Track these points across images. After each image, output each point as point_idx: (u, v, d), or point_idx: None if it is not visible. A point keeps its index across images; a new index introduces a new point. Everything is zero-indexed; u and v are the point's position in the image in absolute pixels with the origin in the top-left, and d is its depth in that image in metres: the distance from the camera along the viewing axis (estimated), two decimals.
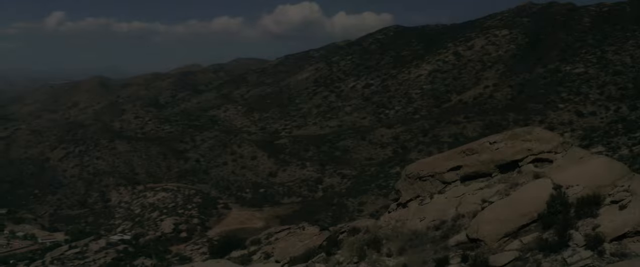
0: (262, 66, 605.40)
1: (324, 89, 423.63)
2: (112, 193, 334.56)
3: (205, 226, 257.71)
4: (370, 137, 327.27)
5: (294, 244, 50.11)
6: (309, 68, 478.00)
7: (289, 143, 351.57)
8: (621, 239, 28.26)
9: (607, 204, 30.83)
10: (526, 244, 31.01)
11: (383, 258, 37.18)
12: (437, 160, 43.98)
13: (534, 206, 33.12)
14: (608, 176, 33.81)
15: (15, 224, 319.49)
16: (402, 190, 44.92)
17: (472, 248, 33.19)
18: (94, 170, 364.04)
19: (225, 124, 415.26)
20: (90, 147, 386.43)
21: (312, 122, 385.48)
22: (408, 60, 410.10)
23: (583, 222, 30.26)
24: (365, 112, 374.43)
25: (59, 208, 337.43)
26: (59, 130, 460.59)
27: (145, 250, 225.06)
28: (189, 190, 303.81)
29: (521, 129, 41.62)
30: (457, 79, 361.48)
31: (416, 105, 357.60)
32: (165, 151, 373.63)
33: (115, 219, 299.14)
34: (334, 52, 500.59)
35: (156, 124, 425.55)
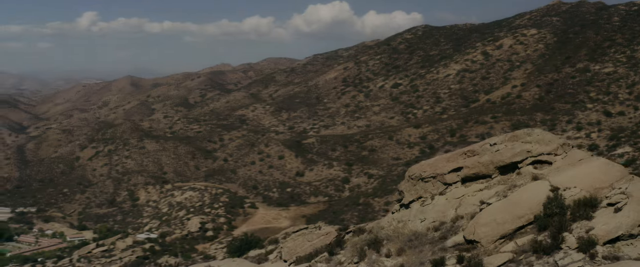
0: (291, 66, 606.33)
1: (353, 89, 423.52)
2: (140, 192, 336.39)
3: (231, 225, 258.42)
4: (397, 137, 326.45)
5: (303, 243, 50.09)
6: (338, 67, 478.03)
7: (316, 143, 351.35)
8: (614, 242, 28.22)
9: (603, 206, 30.79)
10: (521, 246, 31.09)
11: (382, 258, 37.40)
12: (439, 161, 44.02)
13: (530, 208, 33.19)
14: (606, 178, 33.78)
15: (44, 223, 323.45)
16: (405, 191, 45.12)
17: (469, 250, 33.37)
18: (123, 169, 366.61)
19: (253, 123, 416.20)
20: (119, 147, 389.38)
21: (340, 121, 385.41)
22: (436, 60, 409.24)
23: (578, 225, 30.26)
24: (393, 112, 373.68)
25: (87, 207, 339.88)
26: (89, 130, 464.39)
27: (172, 248, 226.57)
28: (216, 189, 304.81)
29: (521, 131, 41.55)
30: (485, 78, 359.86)
31: (444, 105, 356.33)
32: (193, 150, 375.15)
33: (143, 217, 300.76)
34: (363, 51, 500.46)
35: (185, 124, 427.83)
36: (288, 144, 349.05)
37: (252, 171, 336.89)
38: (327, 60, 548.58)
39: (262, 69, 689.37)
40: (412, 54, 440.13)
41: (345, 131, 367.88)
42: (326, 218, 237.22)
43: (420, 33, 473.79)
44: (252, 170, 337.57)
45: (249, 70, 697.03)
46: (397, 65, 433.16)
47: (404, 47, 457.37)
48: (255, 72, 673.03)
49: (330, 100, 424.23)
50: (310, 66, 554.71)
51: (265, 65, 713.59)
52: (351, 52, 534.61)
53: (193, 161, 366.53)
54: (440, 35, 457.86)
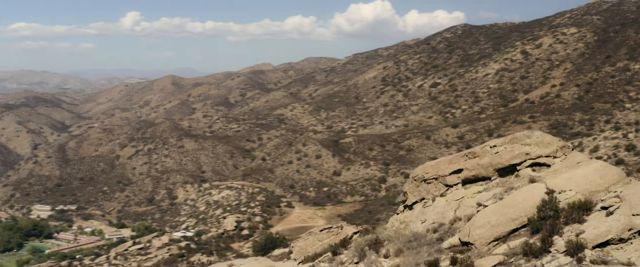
0: (330, 65, 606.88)
1: (391, 88, 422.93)
2: (178, 191, 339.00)
3: (267, 224, 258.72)
4: (435, 136, 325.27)
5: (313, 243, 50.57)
6: (377, 67, 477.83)
7: (353, 142, 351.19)
8: (604, 246, 27.89)
9: (597, 210, 30.48)
10: (513, 248, 30.89)
11: (380, 259, 37.49)
12: (441, 163, 43.91)
13: (524, 211, 33.00)
14: (602, 182, 33.48)
15: (83, 220, 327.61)
16: (409, 192, 45.07)
17: (463, 251, 33.26)
18: (162, 168, 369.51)
19: (291, 122, 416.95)
20: (159, 146, 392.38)
21: (379, 121, 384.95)
22: (476, 59, 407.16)
23: (569, 228, 30.02)
24: (432, 112, 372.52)
25: (126, 205, 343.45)
26: (130, 129, 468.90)
27: (207, 247, 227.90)
28: (253, 188, 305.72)
29: (522, 133, 41.32)
30: (525, 78, 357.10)
31: (482, 104, 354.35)
32: (232, 149, 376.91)
33: (181, 216, 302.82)
34: (403, 51, 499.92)
35: (224, 123, 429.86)
36: (325, 144, 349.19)
37: (289, 170, 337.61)
38: (367, 59, 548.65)
39: (303, 68, 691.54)
40: (452, 53, 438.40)
41: (383, 131, 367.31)
42: (362, 218, 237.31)
43: (460, 32, 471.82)
44: (290, 169, 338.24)
45: (290, 70, 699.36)
46: (437, 64, 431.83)
47: (444, 47, 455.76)
48: (296, 72, 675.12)
49: (369, 99, 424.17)
50: (350, 66, 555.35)
51: (305, 65, 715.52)
52: (391, 51, 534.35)
53: (231, 160, 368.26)
54: (479, 34, 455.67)
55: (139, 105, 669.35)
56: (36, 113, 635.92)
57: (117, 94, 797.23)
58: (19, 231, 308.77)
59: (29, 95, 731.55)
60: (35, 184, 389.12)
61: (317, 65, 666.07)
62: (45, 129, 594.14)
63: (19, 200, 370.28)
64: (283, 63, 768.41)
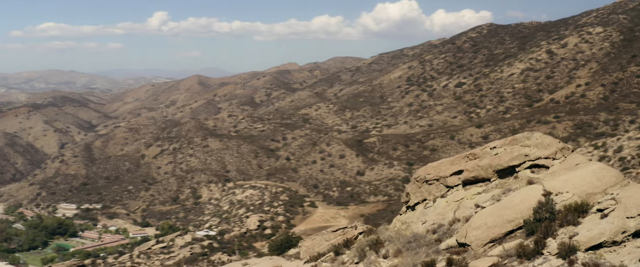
0: (356, 65, 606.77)
1: (416, 88, 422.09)
2: (203, 190, 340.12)
3: (290, 224, 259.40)
4: (459, 136, 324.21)
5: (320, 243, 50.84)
6: (402, 66, 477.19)
7: (377, 142, 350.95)
8: (597, 248, 27.91)
9: (593, 212, 30.49)
10: (507, 250, 30.98)
11: (379, 259, 37.75)
12: (443, 164, 43.99)
13: (520, 212, 33.11)
14: (599, 184, 33.41)
15: (108, 219, 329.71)
16: (411, 193, 45.24)
17: (459, 253, 33.37)
18: (187, 167, 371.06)
19: (316, 122, 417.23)
20: (183, 145, 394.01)
21: (403, 121, 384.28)
22: (501, 59, 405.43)
23: (564, 230, 30.07)
24: (456, 112, 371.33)
25: (151, 204, 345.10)
26: (155, 128, 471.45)
27: (229, 246, 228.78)
28: (277, 188, 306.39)
29: (521, 134, 41.43)
30: (550, 77, 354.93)
31: (507, 104, 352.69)
32: (256, 149, 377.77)
33: (204, 215, 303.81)
34: (428, 50, 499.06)
35: (249, 123, 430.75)
36: (349, 143, 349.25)
37: (313, 170, 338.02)
38: (393, 59, 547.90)
39: (328, 68, 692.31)
40: (477, 53, 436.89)
41: (408, 130, 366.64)
42: (384, 218, 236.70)
43: (485, 32, 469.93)
44: (313, 169, 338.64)
45: (315, 70, 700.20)
46: (462, 64, 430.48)
47: (469, 46, 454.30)
48: (322, 71, 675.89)
49: (394, 99, 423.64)
50: (376, 65, 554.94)
51: (331, 64, 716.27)
52: (416, 51, 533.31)
53: (256, 159, 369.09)
54: (505, 33, 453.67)
55: (165, 105, 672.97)
56: (63, 113, 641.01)
57: (144, 93, 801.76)
58: (44, 230, 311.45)
59: (56, 95, 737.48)
60: (62, 182, 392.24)
61: (343, 65, 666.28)
62: (72, 128, 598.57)
63: (45, 199, 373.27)
64: (309, 63, 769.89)
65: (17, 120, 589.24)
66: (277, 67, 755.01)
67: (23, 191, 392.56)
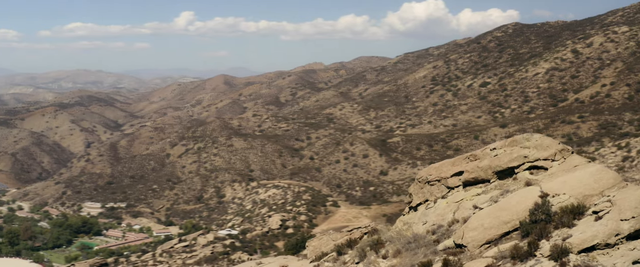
0: (382, 64, 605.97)
1: (441, 88, 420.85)
2: (226, 189, 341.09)
3: (312, 223, 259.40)
4: (483, 136, 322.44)
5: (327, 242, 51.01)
6: (427, 66, 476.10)
7: (401, 141, 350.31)
8: (590, 251, 27.81)
9: (589, 214, 30.37)
10: (502, 252, 30.94)
11: (379, 260, 37.85)
12: (444, 165, 43.98)
13: (517, 214, 33.09)
14: (597, 186, 33.31)
15: (132, 218, 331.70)
16: (414, 194, 45.30)
17: (456, 254, 33.38)
18: (211, 166, 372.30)
19: (340, 122, 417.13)
20: (208, 144, 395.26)
21: (427, 120, 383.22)
22: (526, 58, 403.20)
23: (558, 232, 30.02)
24: (481, 111, 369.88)
25: (175, 203, 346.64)
26: (180, 128, 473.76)
27: (251, 245, 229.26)
28: (299, 187, 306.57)
29: (521, 136, 41.30)
30: (575, 77, 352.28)
31: (532, 104, 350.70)
32: (280, 148, 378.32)
33: (228, 214, 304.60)
34: (453, 50, 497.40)
35: (273, 122, 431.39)
36: (373, 143, 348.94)
37: (336, 170, 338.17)
38: (418, 58, 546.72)
39: (354, 67, 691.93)
40: (502, 52, 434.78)
41: (432, 130, 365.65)
42: None
43: (511, 31, 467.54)
44: (337, 168, 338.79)
45: (341, 69, 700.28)
46: (487, 63, 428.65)
47: (494, 45, 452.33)
48: (347, 71, 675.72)
49: (419, 99, 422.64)
50: (401, 65, 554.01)
51: (357, 64, 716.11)
52: (442, 50, 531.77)
53: (280, 159, 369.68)
54: (530, 33, 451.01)
55: (191, 104, 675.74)
56: (90, 112, 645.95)
57: (170, 93, 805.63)
58: (69, 228, 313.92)
59: (83, 95, 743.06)
60: (87, 181, 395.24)
61: (368, 65, 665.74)
62: (98, 127, 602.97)
63: (70, 197, 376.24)
64: (335, 62, 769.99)
65: (44, 120, 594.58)
66: (302, 66, 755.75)
67: (49, 189, 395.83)
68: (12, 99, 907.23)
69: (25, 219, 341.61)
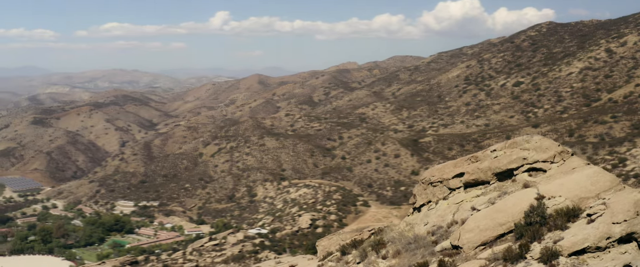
0: (415, 64, 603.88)
1: (474, 87, 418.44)
2: (258, 188, 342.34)
3: (342, 223, 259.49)
4: (515, 136, 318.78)
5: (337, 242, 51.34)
6: (461, 65, 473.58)
7: (433, 141, 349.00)
8: (580, 254, 27.85)
9: (583, 216, 30.32)
10: (496, 253, 31.05)
11: (378, 260, 38.15)
12: (447, 166, 44.08)
13: (512, 216, 33.19)
14: (593, 188, 33.26)
15: (165, 216, 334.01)
16: (417, 195, 45.43)
17: (452, 255, 33.52)
18: (243, 165, 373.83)
19: (373, 121, 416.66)
20: (240, 144, 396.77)
21: (460, 120, 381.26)
22: (559, 58, 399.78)
23: (551, 235, 30.11)
24: (513, 111, 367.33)
25: (207, 202, 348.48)
26: (213, 127, 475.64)
27: (281, 244, 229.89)
28: (330, 187, 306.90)
29: (521, 138, 41.27)
30: (608, 77, 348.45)
31: (565, 104, 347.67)
32: (312, 148, 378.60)
33: (259, 213, 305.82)
34: (487, 49, 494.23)
35: (306, 122, 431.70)
36: (404, 143, 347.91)
37: (367, 169, 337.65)
38: (452, 58, 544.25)
39: (388, 67, 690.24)
40: (536, 52, 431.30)
41: (464, 130, 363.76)
42: None
43: (545, 30, 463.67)
44: (368, 168, 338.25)
45: (375, 69, 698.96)
46: (520, 63, 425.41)
47: (528, 45, 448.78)
48: (381, 70, 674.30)
49: (452, 98, 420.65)
50: (434, 64, 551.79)
51: (390, 64, 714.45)
52: (475, 49, 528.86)
53: (311, 158, 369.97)
54: (564, 32, 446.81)
55: (225, 103, 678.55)
56: (124, 111, 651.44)
57: (205, 92, 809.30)
58: (102, 226, 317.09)
59: (118, 94, 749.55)
60: (121, 180, 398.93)
61: (402, 64, 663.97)
62: (133, 126, 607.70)
63: (103, 196, 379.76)
64: (368, 62, 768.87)
65: (79, 119, 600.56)
66: (336, 66, 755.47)
67: (83, 188, 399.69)
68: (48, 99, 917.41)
69: (58, 217, 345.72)
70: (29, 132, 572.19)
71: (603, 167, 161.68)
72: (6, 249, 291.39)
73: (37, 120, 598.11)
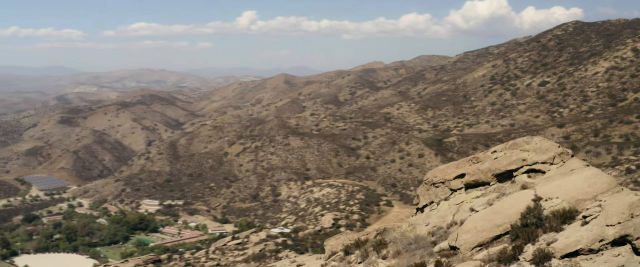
0: (441, 63, 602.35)
1: (500, 87, 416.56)
2: (282, 188, 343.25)
3: (364, 222, 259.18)
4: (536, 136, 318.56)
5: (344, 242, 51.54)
6: (486, 65, 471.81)
7: (457, 141, 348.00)
8: (573, 256, 27.84)
9: (579, 218, 30.26)
10: (490, 255, 31.05)
11: (379, 260, 38.35)
12: (449, 167, 44.20)
13: (509, 218, 33.19)
14: (590, 190, 33.19)
15: (189, 215, 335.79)
16: (420, 195, 45.59)
17: (449, 256, 33.61)
18: (268, 165, 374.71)
19: (397, 121, 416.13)
20: (265, 143, 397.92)
21: (485, 120, 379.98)
22: (586, 57, 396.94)
23: (545, 237, 30.10)
24: (539, 111, 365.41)
25: (232, 201, 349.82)
26: (239, 126, 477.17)
27: (303, 243, 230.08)
28: (353, 186, 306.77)
29: (521, 139, 41.27)
30: (635, 76, 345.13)
31: (591, 103, 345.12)
32: (336, 147, 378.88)
33: (282, 212, 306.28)
34: (513, 48, 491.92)
35: (331, 121, 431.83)
36: (429, 143, 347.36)
37: (391, 169, 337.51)
38: (478, 57, 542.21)
39: (414, 66, 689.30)
40: (562, 51, 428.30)
41: (489, 130, 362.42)
42: None
43: (571, 29, 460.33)
44: (392, 168, 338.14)
45: (401, 68, 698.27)
46: (546, 62, 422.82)
47: (554, 44, 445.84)
48: (407, 70, 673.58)
49: (477, 98, 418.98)
50: (460, 64, 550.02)
51: (417, 63, 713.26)
52: (501, 49, 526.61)
53: (336, 158, 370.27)
54: (591, 31, 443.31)
55: (251, 103, 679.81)
56: (151, 111, 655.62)
57: (231, 92, 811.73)
58: (126, 225, 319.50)
59: (145, 94, 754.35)
60: (146, 179, 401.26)
61: (428, 64, 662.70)
62: (160, 126, 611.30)
63: (129, 195, 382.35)
64: (395, 61, 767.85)
65: (106, 118, 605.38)
66: (362, 65, 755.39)
67: (108, 187, 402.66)
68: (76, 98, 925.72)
69: (84, 216, 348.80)
70: (56, 131, 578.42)
71: (627, 167, 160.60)
72: (31, 247, 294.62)
73: (64, 119, 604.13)
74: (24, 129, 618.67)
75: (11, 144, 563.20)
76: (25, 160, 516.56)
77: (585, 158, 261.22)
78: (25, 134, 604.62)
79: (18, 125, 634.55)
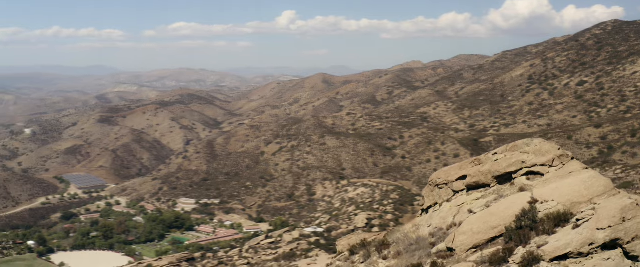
0: (479, 63, 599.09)
1: (537, 87, 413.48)
2: (317, 187, 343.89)
3: (398, 222, 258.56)
4: (576, 136, 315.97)
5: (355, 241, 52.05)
6: (524, 64, 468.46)
7: (493, 141, 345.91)
8: (562, 259, 27.99)
9: (573, 221, 30.39)
10: (483, 257, 31.27)
11: (379, 260, 38.82)
12: (452, 169, 44.41)
13: (504, 220, 33.43)
14: (587, 193, 33.30)
15: (224, 214, 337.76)
16: (425, 197, 45.83)
17: (446, 257, 33.89)
18: (304, 164, 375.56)
19: (434, 121, 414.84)
20: (301, 143, 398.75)
21: (521, 120, 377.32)
22: (624, 56, 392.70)
23: (537, 239, 30.38)
24: (576, 111, 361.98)
25: (267, 200, 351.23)
26: (276, 126, 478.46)
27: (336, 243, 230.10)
28: (388, 186, 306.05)
29: (522, 141, 41.32)
30: None
31: (629, 103, 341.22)
32: (372, 147, 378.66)
33: (317, 212, 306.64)
34: (551, 48, 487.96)
35: (367, 121, 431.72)
36: (464, 143, 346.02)
37: (427, 169, 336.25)
38: (516, 57, 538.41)
39: (452, 66, 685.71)
40: (600, 51, 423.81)
41: (525, 130, 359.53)
42: None
43: (610, 28, 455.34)
44: (427, 168, 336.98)
45: (439, 68, 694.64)
46: (585, 62, 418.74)
47: (593, 43, 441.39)
48: (445, 69, 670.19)
49: (515, 98, 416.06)
50: (499, 63, 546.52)
51: (455, 62, 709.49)
52: (540, 48, 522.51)
53: (371, 157, 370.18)
54: (630, 30, 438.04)
55: (289, 102, 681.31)
56: (190, 110, 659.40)
57: (269, 91, 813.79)
58: (162, 223, 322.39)
59: (184, 93, 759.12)
60: (183, 178, 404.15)
61: (467, 63, 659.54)
62: (198, 125, 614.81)
63: (166, 193, 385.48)
64: (433, 61, 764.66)
65: (145, 117, 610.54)
66: (400, 65, 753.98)
67: (146, 185, 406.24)
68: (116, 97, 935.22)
69: (121, 214, 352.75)
70: (95, 130, 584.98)
71: None
72: (68, 244, 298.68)
73: (104, 118, 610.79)
74: (64, 128, 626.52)
75: (51, 142, 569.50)
76: (65, 158, 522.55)
77: (621, 159, 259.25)
78: (65, 133, 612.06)
79: (58, 124, 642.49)
